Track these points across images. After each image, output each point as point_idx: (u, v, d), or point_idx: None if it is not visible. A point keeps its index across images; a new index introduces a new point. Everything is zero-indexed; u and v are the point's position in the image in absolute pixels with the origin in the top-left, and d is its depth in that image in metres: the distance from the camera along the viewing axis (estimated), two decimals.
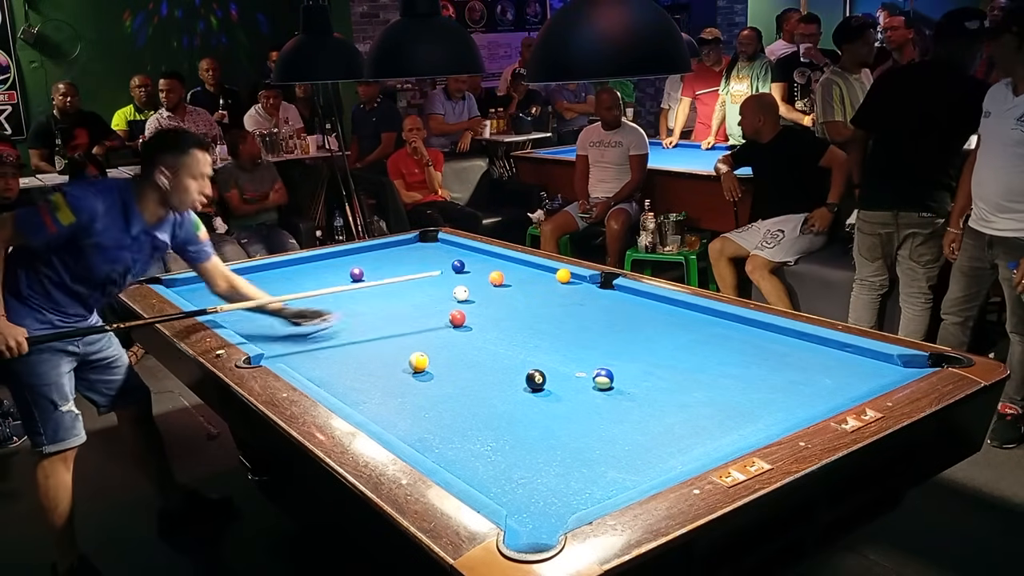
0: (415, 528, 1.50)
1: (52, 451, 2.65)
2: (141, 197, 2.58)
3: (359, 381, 2.32)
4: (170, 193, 2.57)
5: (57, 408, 2.63)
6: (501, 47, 8.81)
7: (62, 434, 2.65)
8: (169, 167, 2.54)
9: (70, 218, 2.43)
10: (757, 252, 4.49)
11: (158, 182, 2.54)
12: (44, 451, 2.64)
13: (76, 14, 7.05)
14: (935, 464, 2.15)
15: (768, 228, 4.57)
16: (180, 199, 2.60)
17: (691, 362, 2.35)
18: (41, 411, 2.61)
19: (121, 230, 2.55)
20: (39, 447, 2.64)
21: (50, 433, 2.63)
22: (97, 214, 2.48)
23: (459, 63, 3.05)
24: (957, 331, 3.57)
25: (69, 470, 2.70)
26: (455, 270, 3.42)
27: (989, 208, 3.35)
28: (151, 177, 2.55)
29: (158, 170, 2.54)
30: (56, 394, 2.62)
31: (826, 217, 4.48)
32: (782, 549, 1.74)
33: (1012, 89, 3.29)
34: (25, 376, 2.57)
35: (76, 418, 2.68)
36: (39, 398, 2.60)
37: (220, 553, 3.05)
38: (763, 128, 4.68)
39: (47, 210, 2.43)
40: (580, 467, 1.78)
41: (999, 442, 3.41)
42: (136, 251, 2.62)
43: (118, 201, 2.54)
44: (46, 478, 2.67)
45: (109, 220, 2.51)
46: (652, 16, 2.00)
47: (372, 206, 6.32)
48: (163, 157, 2.55)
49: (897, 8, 6.99)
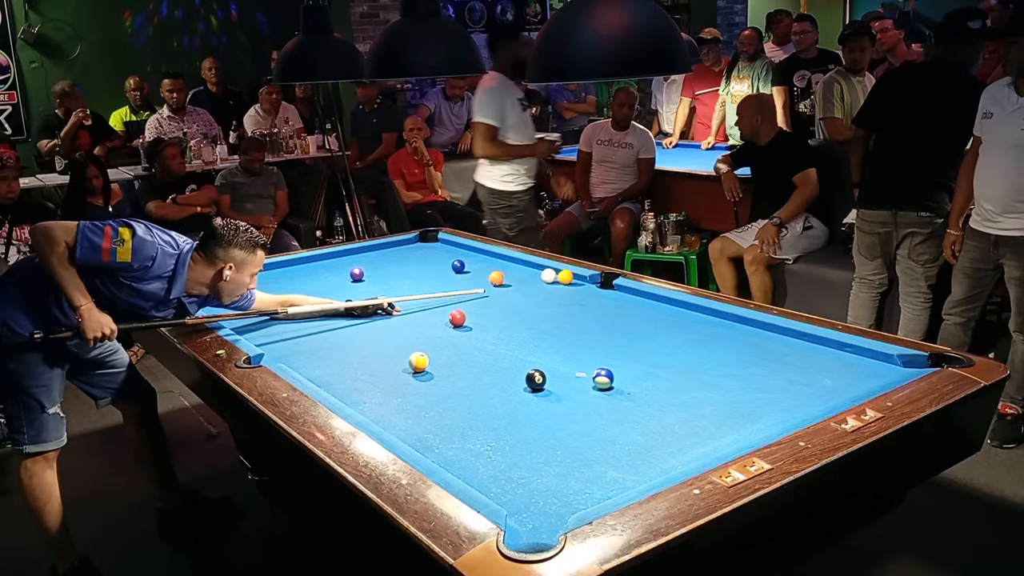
0: (415, 528, 1.50)
1: (33, 451, 2.66)
2: (194, 271, 2.60)
3: (359, 381, 2.32)
4: (225, 286, 2.62)
5: (44, 410, 2.64)
6: None
7: (45, 435, 2.66)
8: (237, 263, 2.60)
9: (127, 258, 2.45)
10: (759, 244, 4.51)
11: (223, 274, 2.59)
12: (24, 450, 2.65)
13: (76, 14, 7.06)
14: (935, 464, 2.14)
15: None
16: (230, 292, 2.66)
17: (691, 362, 2.35)
18: (27, 411, 2.62)
19: (162, 289, 2.58)
20: (20, 446, 2.66)
21: (32, 434, 2.64)
22: (150, 267, 2.50)
23: (459, 63, 3.05)
24: (958, 331, 3.57)
25: (53, 469, 2.71)
26: (455, 270, 3.42)
27: (996, 208, 3.35)
28: (215, 264, 2.59)
29: (227, 264, 2.59)
30: (45, 396, 2.63)
31: (769, 231, 4.48)
32: (782, 549, 1.75)
33: (1014, 89, 3.29)
34: (19, 376, 2.57)
35: (61, 421, 2.70)
36: (28, 399, 2.61)
37: (220, 553, 3.05)
38: (761, 129, 4.69)
39: (111, 238, 2.43)
40: (580, 467, 1.77)
41: (999, 442, 3.41)
42: (164, 308, 2.65)
43: (173, 266, 2.56)
44: (30, 478, 2.68)
45: (156, 277, 2.54)
46: (652, 16, 2.00)
47: (372, 206, 6.33)
48: (235, 252, 2.60)
49: (896, 7, 7.01)
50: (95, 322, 2.45)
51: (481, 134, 4.47)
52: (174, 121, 6.30)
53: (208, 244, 2.61)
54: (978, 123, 3.44)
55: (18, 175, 4.95)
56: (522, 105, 4.51)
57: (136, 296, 2.56)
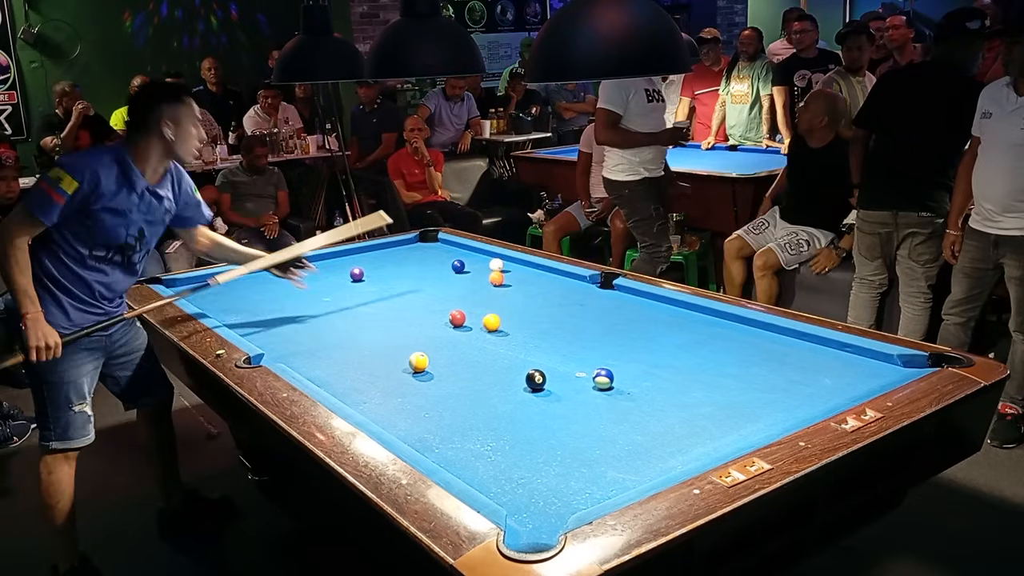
0: (415, 528, 1.50)
1: (58, 448, 2.65)
2: (139, 156, 2.56)
3: (359, 381, 2.32)
4: (176, 143, 2.56)
5: (71, 408, 2.63)
6: (501, 47, 8.82)
7: (71, 433, 2.65)
8: (172, 118, 2.54)
9: (73, 184, 2.42)
10: (776, 251, 4.39)
11: (164, 135, 2.53)
12: (50, 447, 2.65)
13: (76, 14, 7.06)
14: (935, 464, 2.14)
15: (794, 234, 4.43)
16: (187, 147, 2.60)
17: (691, 362, 2.35)
18: (55, 408, 2.62)
19: (126, 190, 2.53)
20: (46, 441, 2.65)
21: (59, 431, 2.64)
22: (99, 175, 2.46)
23: (459, 63, 3.05)
24: (958, 331, 3.57)
25: (72, 468, 2.70)
26: (455, 270, 3.42)
27: (996, 208, 3.35)
28: (153, 131, 2.53)
29: (162, 123, 2.53)
30: (74, 393, 2.62)
31: (831, 259, 4.31)
32: (782, 549, 1.75)
33: (1014, 89, 3.29)
34: (47, 373, 2.57)
35: (88, 419, 2.69)
36: (56, 395, 2.61)
37: (220, 553, 3.05)
38: (820, 130, 4.38)
39: (49, 184, 2.41)
40: (580, 467, 1.77)
41: (999, 442, 3.41)
42: (146, 212, 2.60)
43: (115, 162, 2.51)
44: (48, 474, 2.67)
45: (111, 181, 2.49)
46: (652, 16, 2.00)
47: (372, 206, 6.33)
48: (164, 109, 2.53)
49: (896, 7, 7.00)
50: (39, 332, 2.43)
51: (601, 120, 4.48)
52: None
53: (134, 121, 2.58)
54: (977, 123, 3.44)
55: (18, 175, 4.95)
56: (648, 96, 4.47)
57: (115, 216, 2.52)
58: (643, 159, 4.49)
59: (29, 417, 3.91)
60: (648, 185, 4.54)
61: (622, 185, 4.55)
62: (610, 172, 4.60)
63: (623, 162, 4.51)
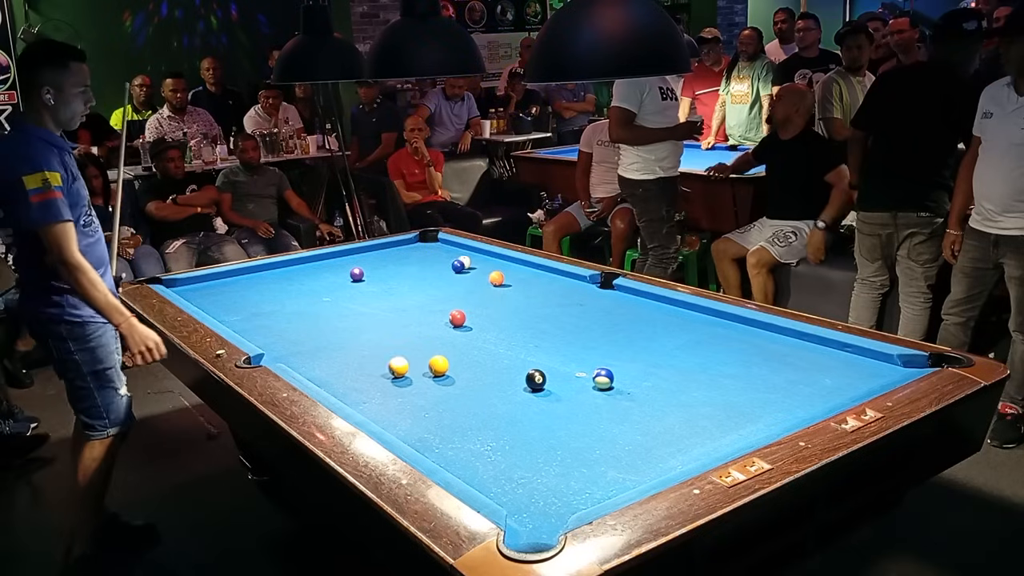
0: (415, 528, 1.50)
1: (114, 432, 2.71)
2: (39, 121, 2.51)
3: (359, 381, 2.32)
4: (57, 109, 2.50)
5: (118, 391, 2.70)
6: (501, 47, 8.82)
7: (123, 417, 2.73)
8: (52, 84, 2.48)
9: (55, 175, 2.42)
10: (766, 247, 4.46)
11: (44, 101, 2.47)
12: (107, 433, 2.69)
13: (76, 14, 7.06)
14: (935, 464, 2.15)
15: (780, 228, 4.52)
16: (70, 114, 2.54)
17: (691, 362, 2.35)
18: (105, 396, 2.66)
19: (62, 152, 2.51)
20: (101, 430, 2.68)
21: (113, 417, 2.70)
22: (49, 155, 2.44)
23: (459, 63, 3.05)
24: (958, 331, 3.57)
25: (114, 454, 2.76)
26: (455, 270, 3.42)
27: (996, 208, 3.35)
28: (36, 100, 2.47)
29: (43, 89, 2.47)
30: (117, 378, 2.69)
31: (818, 239, 4.36)
32: (782, 549, 1.75)
33: (1014, 88, 3.29)
34: (93, 363, 2.60)
35: (131, 401, 2.76)
36: (105, 382, 2.65)
37: (220, 553, 3.05)
38: (793, 120, 4.52)
39: (44, 191, 2.40)
40: (580, 467, 1.78)
41: (999, 442, 3.41)
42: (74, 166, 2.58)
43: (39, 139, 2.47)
44: (95, 460, 2.70)
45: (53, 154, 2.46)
46: (652, 16, 2.00)
47: (372, 206, 6.33)
48: (44, 75, 2.47)
49: (896, 7, 7.00)
50: (138, 337, 2.49)
51: (615, 118, 4.49)
52: (174, 121, 6.30)
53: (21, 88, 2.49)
54: (978, 123, 3.44)
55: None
56: (663, 94, 4.49)
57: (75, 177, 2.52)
58: (659, 157, 4.51)
59: (29, 416, 3.91)
60: (663, 185, 4.55)
61: (637, 184, 4.56)
62: (625, 171, 4.61)
63: (638, 160, 4.52)
